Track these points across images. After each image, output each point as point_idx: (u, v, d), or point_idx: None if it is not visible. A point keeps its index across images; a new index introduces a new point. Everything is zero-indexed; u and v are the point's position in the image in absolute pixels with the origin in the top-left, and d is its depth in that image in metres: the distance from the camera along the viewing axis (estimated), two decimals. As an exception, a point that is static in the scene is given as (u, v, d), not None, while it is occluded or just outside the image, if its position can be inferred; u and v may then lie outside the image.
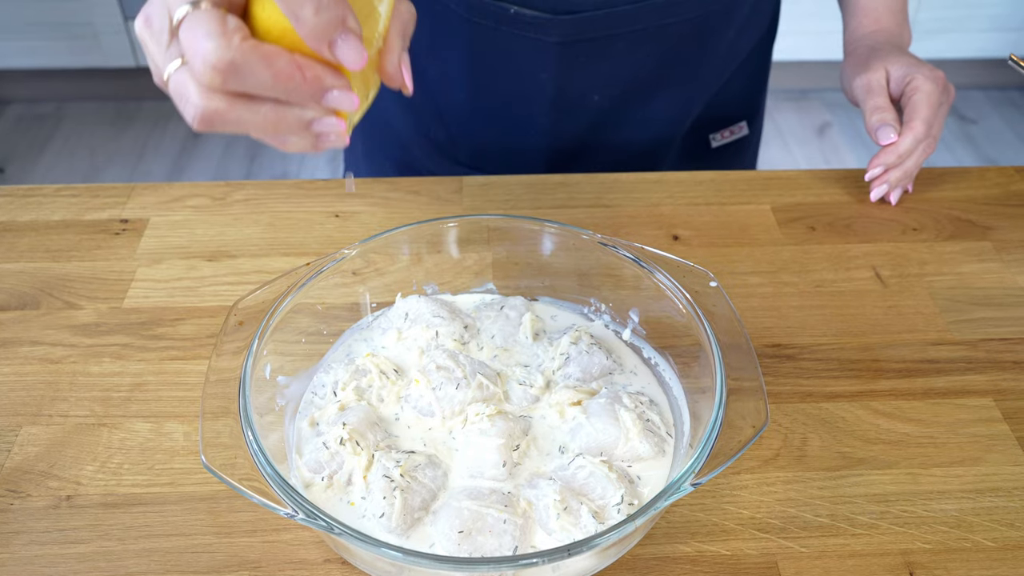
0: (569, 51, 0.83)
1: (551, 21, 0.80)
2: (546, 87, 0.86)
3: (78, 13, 2.40)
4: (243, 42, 0.42)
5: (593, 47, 0.83)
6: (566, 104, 0.87)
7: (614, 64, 0.85)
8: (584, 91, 0.87)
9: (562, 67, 0.84)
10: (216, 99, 0.43)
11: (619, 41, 0.83)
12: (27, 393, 0.66)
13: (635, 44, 0.84)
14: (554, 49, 0.82)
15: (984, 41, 2.57)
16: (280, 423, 0.59)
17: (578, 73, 0.85)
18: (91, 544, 0.57)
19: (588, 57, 0.84)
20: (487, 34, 0.82)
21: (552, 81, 0.85)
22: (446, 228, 0.67)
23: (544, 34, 0.81)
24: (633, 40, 0.83)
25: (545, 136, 0.90)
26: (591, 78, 0.86)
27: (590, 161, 0.92)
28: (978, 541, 0.57)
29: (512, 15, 0.80)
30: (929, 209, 0.85)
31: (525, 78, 0.85)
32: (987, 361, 0.70)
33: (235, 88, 0.43)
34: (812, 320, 0.73)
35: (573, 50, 0.83)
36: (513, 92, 0.88)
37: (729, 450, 0.52)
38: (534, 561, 0.47)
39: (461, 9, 0.81)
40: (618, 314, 0.68)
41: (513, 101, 0.88)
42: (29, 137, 2.53)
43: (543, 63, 0.84)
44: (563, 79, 0.85)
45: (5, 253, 0.79)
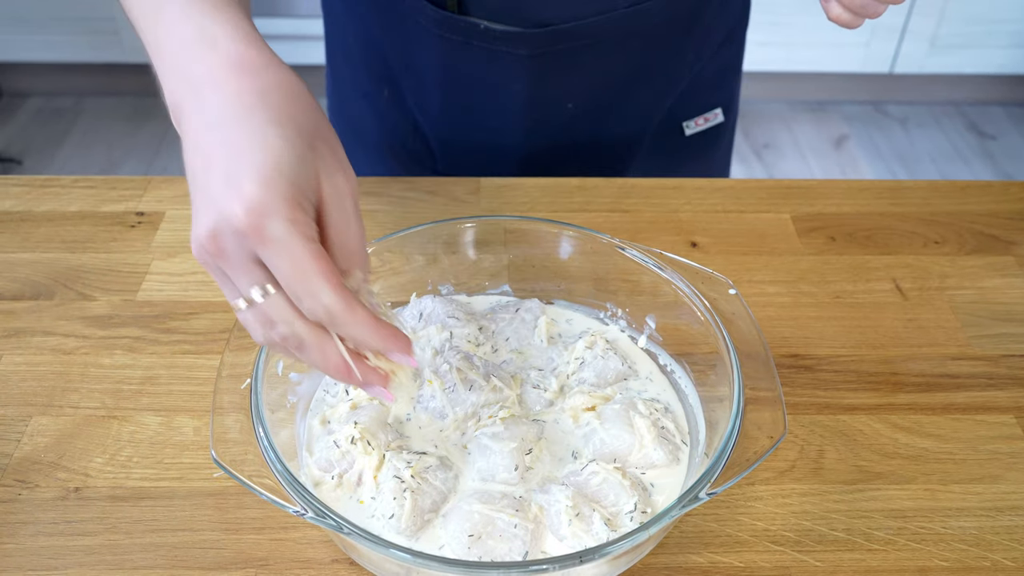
0: (540, 63, 0.83)
1: (521, 35, 0.80)
2: (519, 98, 0.86)
3: (99, 8, 2.41)
4: (356, 309, 0.44)
5: (564, 58, 0.83)
6: (540, 113, 0.88)
7: (586, 72, 0.85)
8: (557, 99, 0.87)
9: (534, 78, 0.84)
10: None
11: (589, 51, 0.83)
12: (38, 383, 0.66)
13: (605, 52, 0.84)
14: (525, 62, 0.82)
15: (1004, 57, 2.55)
16: (291, 420, 0.59)
17: (550, 83, 0.85)
18: (98, 537, 0.56)
19: (560, 67, 0.84)
20: (459, 49, 0.83)
21: (525, 92, 0.85)
22: (463, 228, 0.67)
23: (515, 47, 0.81)
24: (603, 49, 0.84)
25: (520, 143, 0.91)
26: (563, 87, 0.86)
27: (564, 163, 0.92)
28: (997, 560, 0.56)
29: (482, 30, 0.80)
30: (952, 222, 0.84)
31: (498, 90, 0.86)
32: (1008, 377, 0.68)
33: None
34: (831, 331, 0.72)
35: (544, 62, 0.83)
36: (487, 104, 0.88)
37: (745, 460, 0.51)
38: (545, 567, 0.46)
39: (432, 25, 0.81)
40: (634, 319, 0.67)
41: (487, 112, 0.89)
42: (48, 130, 2.54)
43: (515, 75, 0.84)
44: (536, 90, 0.85)
45: (21, 243, 0.79)
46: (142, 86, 2.64)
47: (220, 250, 0.43)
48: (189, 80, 0.47)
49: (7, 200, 0.83)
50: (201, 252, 0.44)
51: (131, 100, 2.65)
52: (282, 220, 0.42)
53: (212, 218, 0.43)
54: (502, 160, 0.92)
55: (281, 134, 0.44)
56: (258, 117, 0.44)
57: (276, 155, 0.43)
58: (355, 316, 0.44)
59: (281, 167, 0.43)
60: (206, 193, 0.43)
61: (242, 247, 0.43)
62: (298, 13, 2.35)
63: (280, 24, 2.35)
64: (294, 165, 0.43)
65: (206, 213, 0.43)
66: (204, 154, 0.44)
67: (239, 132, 0.44)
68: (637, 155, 0.95)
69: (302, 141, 0.44)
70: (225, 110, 0.45)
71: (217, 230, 0.43)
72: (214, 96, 0.45)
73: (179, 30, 0.48)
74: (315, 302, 0.43)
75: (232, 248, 0.43)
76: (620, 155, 0.95)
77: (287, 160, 0.43)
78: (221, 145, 0.44)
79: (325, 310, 0.43)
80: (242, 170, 0.42)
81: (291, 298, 0.44)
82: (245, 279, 0.44)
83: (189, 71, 0.47)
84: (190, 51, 0.47)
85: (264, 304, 0.44)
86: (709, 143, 0.99)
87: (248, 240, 0.42)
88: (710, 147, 1.00)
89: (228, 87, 0.45)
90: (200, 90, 0.46)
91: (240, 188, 0.42)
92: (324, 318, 0.44)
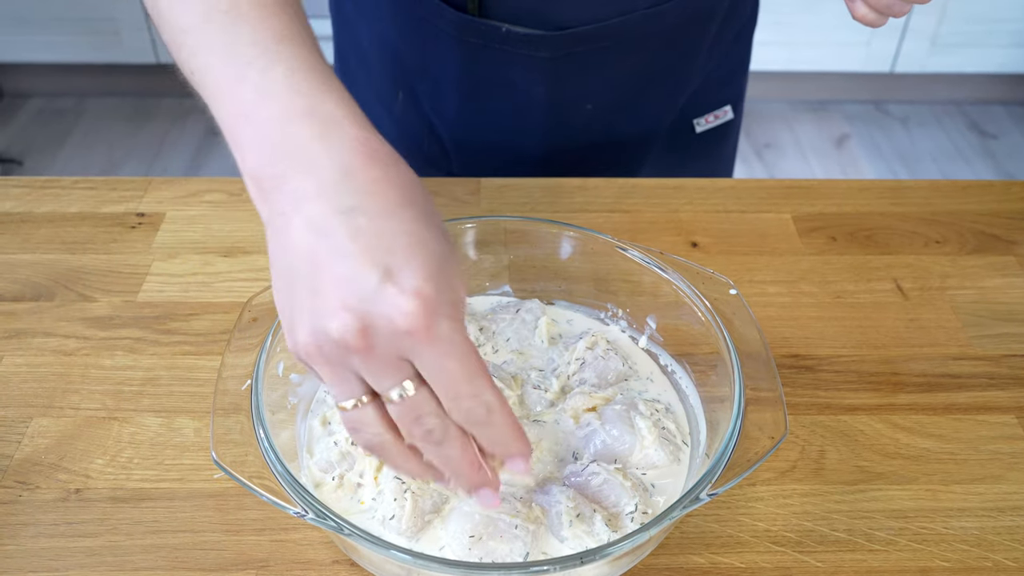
0: (561, 66, 0.83)
1: (542, 38, 0.80)
2: (539, 100, 0.86)
3: (100, 9, 2.42)
4: (508, 410, 0.43)
5: (584, 60, 0.83)
6: (559, 115, 0.88)
7: (605, 74, 0.86)
8: (576, 101, 0.87)
9: (554, 81, 0.84)
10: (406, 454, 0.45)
11: (609, 52, 0.83)
12: (39, 385, 0.66)
13: (624, 53, 0.84)
14: (546, 64, 0.82)
15: (1005, 56, 2.55)
16: (292, 421, 0.59)
17: (570, 85, 0.85)
18: (99, 538, 0.56)
19: (579, 69, 0.84)
20: (478, 52, 0.83)
21: (545, 94, 0.85)
22: (463, 229, 0.67)
23: (535, 51, 0.81)
24: (622, 50, 0.84)
25: (537, 145, 0.91)
26: (583, 89, 0.86)
27: (580, 164, 0.92)
28: (999, 560, 0.56)
29: (503, 33, 0.80)
30: (953, 222, 0.83)
31: (518, 93, 0.86)
32: (1010, 377, 0.68)
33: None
34: (832, 331, 0.72)
35: (565, 64, 0.83)
36: (505, 106, 0.88)
37: (746, 461, 0.51)
38: (545, 568, 0.46)
39: (451, 28, 0.81)
40: (635, 320, 0.67)
41: (505, 114, 0.89)
42: (48, 131, 2.54)
43: (535, 78, 0.84)
44: (555, 92, 0.85)
45: (21, 244, 0.79)
46: (143, 87, 2.64)
47: (368, 346, 0.40)
48: (296, 158, 0.42)
49: (7, 201, 0.83)
50: (331, 348, 0.41)
51: (132, 101, 2.66)
52: (450, 319, 0.40)
53: (366, 312, 0.39)
54: (519, 162, 0.92)
55: (431, 232, 0.42)
56: (408, 212, 0.41)
57: (437, 253, 0.41)
58: (507, 417, 0.43)
59: (442, 266, 0.41)
60: (349, 284, 0.40)
61: (396, 346, 0.40)
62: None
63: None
64: (449, 265, 0.42)
65: (354, 305, 0.40)
66: (337, 242, 0.40)
67: (389, 225, 0.41)
68: (650, 153, 0.96)
69: (446, 239, 0.43)
70: (364, 199, 0.41)
71: (372, 325, 0.40)
72: (347, 182, 0.41)
73: (280, 97, 0.44)
74: (477, 401, 0.42)
75: (383, 345, 0.40)
76: (634, 154, 0.95)
77: (444, 259, 0.41)
78: (366, 235, 0.40)
79: (486, 407, 0.42)
80: (404, 265, 0.40)
81: (446, 397, 0.42)
82: (387, 378, 0.42)
83: (297, 148, 0.43)
84: (299, 125, 0.43)
85: (410, 401, 0.42)
86: (719, 140, 0.99)
87: (410, 339, 0.40)
88: (720, 144, 1.00)
89: (364, 175, 0.42)
90: (316, 171, 0.42)
91: (406, 283, 0.39)
92: (481, 417, 0.43)
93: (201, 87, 0.47)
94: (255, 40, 0.45)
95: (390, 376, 0.41)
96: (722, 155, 1.02)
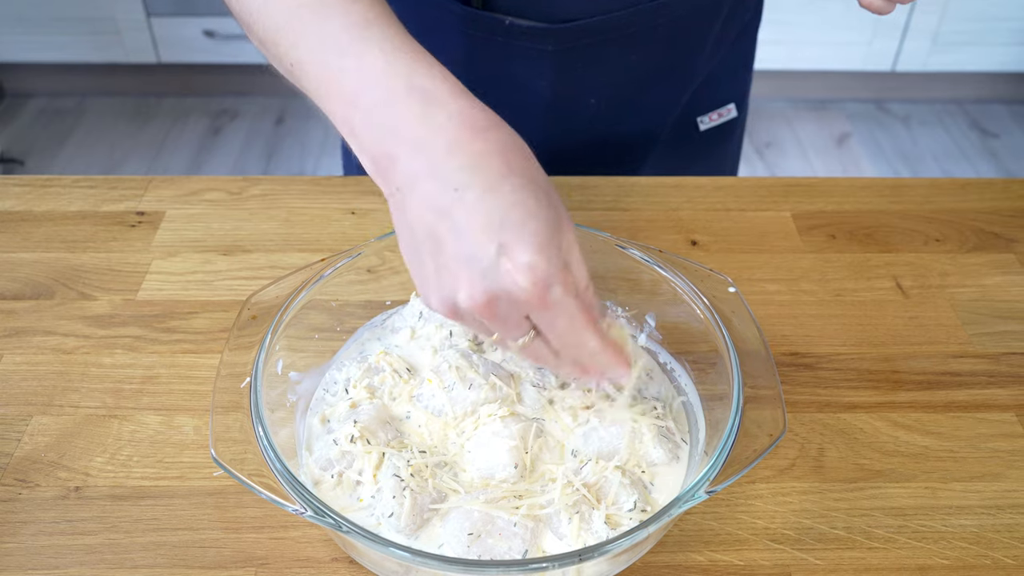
0: (565, 58, 0.83)
1: (547, 31, 0.80)
2: (543, 94, 0.86)
3: (101, 8, 2.42)
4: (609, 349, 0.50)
5: (589, 53, 0.83)
6: (563, 109, 0.88)
7: (609, 68, 0.85)
8: (580, 95, 0.87)
9: (558, 74, 0.84)
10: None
11: (614, 46, 0.83)
12: (39, 383, 0.66)
13: (629, 47, 0.84)
14: (550, 57, 0.82)
15: (1006, 54, 2.55)
16: (291, 419, 0.59)
17: (574, 79, 0.85)
18: (98, 536, 0.56)
19: (584, 63, 0.84)
20: (482, 45, 0.82)
21: (549, 88, 0.85)
22: (462, 227, 0.67)
23: (540, 43, 0.81)
24: (627, 44, 0.84)
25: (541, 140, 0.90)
26: (587, 82, 0.86)
27: (583, 160, 0.92)
28: (998, 558, 0.56)
29: (507, 26, 0.80)
30: (952, 220, 0.83)
31: (521, 86, 0.86)
32: (1009, 375, 0.68)
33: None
34: (831, 329, 0.72)
35: (569, 57, 0.83)
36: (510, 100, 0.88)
37: (745, 458, 0.51)
38: (544, 566, 0.46)
39: (456, 21, 0.81)
40: (634, 318, 0.67)
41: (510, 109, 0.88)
42: (50, 131, 2.55)
43: (539, 71, 0.84)
44: (560, 86, 0.85)
45: (21, 243, 0.79)
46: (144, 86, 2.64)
47: (494, 313, 0.46)
48: (403, 137, 0.46)
49: (7, 200, 0.83)
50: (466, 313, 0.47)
51: (133, 100, 2.66)
52: (559, 285, 0.45)
53: (489, 285, 0.45)
54: None
55: (536, 198, 0.45)
56: (511, 182, 0.45)
57: (542, 223, 0.45)
58: (607, 354, 0.50)
59: (549, 234, 0.45)
60: (471, 260, 0.44)
61: (519, 310, 0.46)
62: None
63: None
64: (555, 229, 0.45)
65: (478, 279, 0.45)
66: (455, 219, 0.45)
67: (497, 199, 0.44)
68: (653, 151, 0.95)
69: (549, 205, 0.46)
70: (470, 175, 0.45)
71: (495, 297, 0.45)
72: (450, 159, 0.45)
73: (380, 79, 0.47)
74: (583, 349, 0.49)
75: (507, 311, 0.46)
76: (637, 151, 0.95)
77: (550, 226, 0.45)
78: (478, 211, 0.44)
79: (590, 353, 0.49)
80: (516, 239, 0.44)
81: (557, 345, 0.49)
82: (514, 332, 0.48)
83: (403, 128, 0.46)
84: (401, 105, 0.47)
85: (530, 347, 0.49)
86: (722, 138, 0.99)
87: (528, 306, 0.45)
88: (723, 142, 1.00)
89: (467, 149, 0.45)
90: (424, 150, 0.46)
91: (520, 258, 0.44)
92: (585, 359, 0.50)
93: (302, 81, 0.51)
94: (345, 28, 0.49)
95: (513, 331, 0.48)
96: (726, 153, 1.02)
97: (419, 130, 0.46)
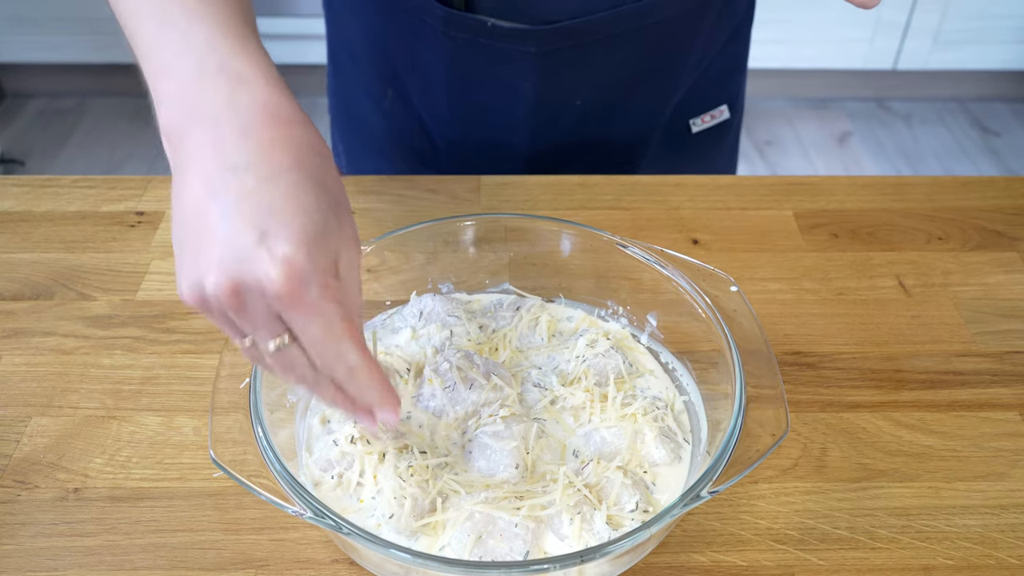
0: (549, 60, 0.82)
1: (529, 32, 0.80)
2: (527, 96, 0.86)
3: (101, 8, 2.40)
4: (373, 370, 0.47)
5: (572, 55, 0.83)
6: (548, 111, 0.87)
7: (594, 69, 0.85)
8: (565, 97, 0.87)
9: (542, 76, 0.84)
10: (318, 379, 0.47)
11: (598, 47, 0.83)
12: (38, 384, 0.66)
13: (614, 48, 0.84)
14: (533, 59, 0.82)
15: (1008, 53, 2.54)
16: (291, 420, 0.58)
17: (559, 81, 0.85)
18: (97, 537, 0.56)
19: (568, 65, 0.83)
20: (466, 47, 0.82)
21: (533, 90, 0.85)
22: (463, 226, 0.67)
23: (523, 45, 0.81)
24: (611, 45, 0.83)
25: (527, 142, 0.90)
26: (572, 84, 0.86)
27: (572, 162, 0.92)
28: (1002, 558, 0.56)
29: (489, 28, 0.80)
30: (955, 218, 0.83)
31: (506, 88, 0.85)
32: (1013, 374, 0.68)
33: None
34: (834, 328, 0.72)
35: (553, 59, 0.82)
36: (495, 102, 0.88)
37: (747, 458, 0.51)
38: (546, 567, 0.46)
39: (438, 23, 0.81)
40: (636, 317, 0.66)
41: (495, 111, 0.88)
42: (50, 131, 2.54)
43: (523, 73, 0.83)
44: (544, 87, 0.85)
45: (20, 243, 0.79)
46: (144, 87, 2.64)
47: (240, 305, 0.43)
48: (202, 113, 0.45)
49: (7, 200, 0.83)
50: (209, 300, 0.43)
51: (134, 101, 2.65)
52: (317, 287, 0.43)
53: (238, 272, 0.42)
54: (509, 159, 0.91)
55: (316, 199, 0.44)
56: (293, 176, 0.43)
57: (313, 220, 0.43)
58: (371, 375, 0.47)
59: (318, 233, 0.43)
60: (227, 243, 0.42)
61: (267, 306, 0.43)
62: (299, 12, 2.35)
63: (280, 24, 2.35)
64: (327, 232, 0.44)
65: (229, 264, 0.42)
66: (223, 199, 0.42)
67: (273, 188, 0.43)
68: (645, 154, 0.95)
69: (331, 208, 0.44)
70: (256, 160, 0.43)
71: (243, 286, 0.42)
72: (240, 141, 0.44)
73: (196, 54, 0.46)
74: (340, 362, 0.45)
75: (254, 305, 0.43)
76: (628, 154, 0.94)
77: (322, 226, 0.43)
78: (250, 197, 0.42)
79: (348, 369, 0.46)
80: (280, 230, 0.42)
81: (312, 355, 0.45)
82: (262, 333, 0.45)
83: (204, 104, 0.45)
84: (208, 82, 0.45)
85: (282, 354, 0.45)
86: (716, 140, 0.99)
87: (279, 302, 0.42)
88: (717, 145, 1.00)
89: (259, 135, 0.44)
90: (218, 127, 0.44)
91: (278, 249, 0.41)
92: (342, 375, 0.46)
93: (135, 50, 0.50)
94: (180, 3, 0.47)
95: (264, 331, 0.44)
96: (720, 156, 1.01)
97: (219, 109, 0.44)
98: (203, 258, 0.43)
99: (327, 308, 0.43)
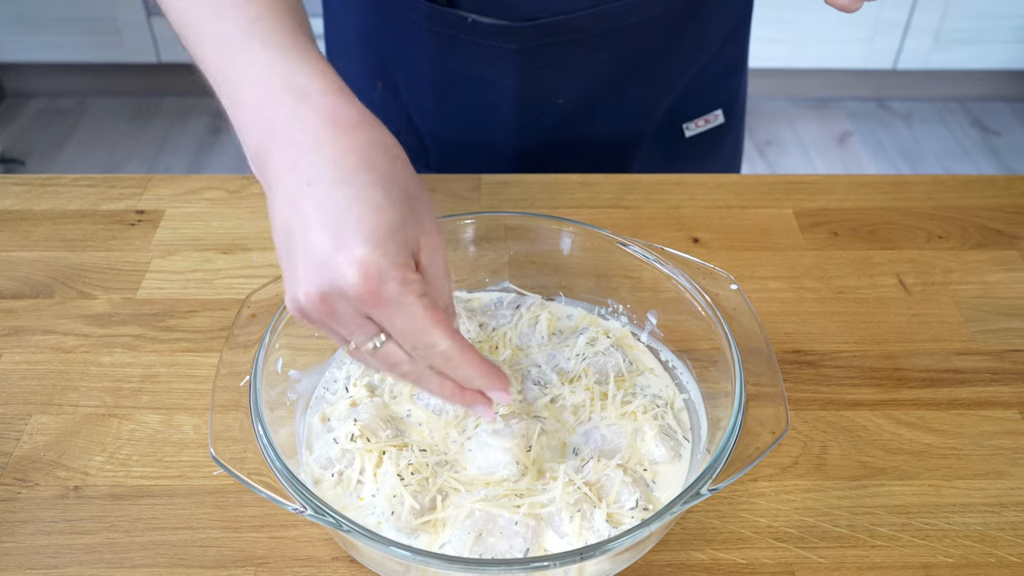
0: (530, 57, 0.82)
1: (509, 29, 0.80)
2: (510, 93, 0.85)
3: (101, 8, 2.42)
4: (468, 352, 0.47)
5: (554, 52, 0.83)
6: (531, 108, 0.87)
7: (577, 68, 0.85)
8: (548, 95, 0.87)
9: (524, 73, 0.84)
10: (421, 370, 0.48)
11: (579, 45, 0.83)
12: (38, 382, 0.66)
13: (596, 47, 0.83)
14: (515, 56, 0.82)
15: (1008, 52, 2.54)
16: (291, 418, 0.58)
17: (540, 78, 0.85)
18: (98, 535, 0.56)
19: (549, 62, 0.83)
20: (449, 43, 0.82)
21: (515, 87, 0.85)
22: (462, 225, 0.67)
23: (504, 42, 0.81)
24: (593, 44, 0.83)
25: (512, 140, 0.90)
26: (554, 82, 0.86)
27: (560, 159, 0.91)
28: (1002, 556, 0.56)
29: (470, 23, 0.80)
30: (955, 217, 0.83)
31: (488, 85, 0.85)
32: (1013, 372, 0.68)
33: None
34: (834, 327, 0.72)
35: (534, 56, 0.82)
36: (478, 98, 0.88)
37: (747, 456, 0.51)
38: (545, 564, 0.46)
39: (421, 19, 0.81)
40: (636, 316, 0.66)
41: (478, 108, 0.88)
42: (50, 131, 2.55)
43: (505, 70, 0.83)
44: (526, 84, 0.85)
45: (21, 241, 0.79)
46: (144, 86, 2.64)
47: (332, 311, 0.45)
48: (277, 134, 0.46)
49: (7, 199, 0.83)
50: (308, 312, 0.45)
51: (134, 100, 2.65)
52: (395, 283, 0.43)
53: (322, 281, 0.43)
54: (495, 157, 0.91)
55: (386, 196, 0.44)
56: (362, 177, 0.44)
57: (385, 218, 0.44)
58: (467, 359, 0.47)
59: (391, 230, 0.44)
60: (311, 254, 0.43)
61: (355, 308, 0.44)
62: (300, 12, 2.35)
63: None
64: (401, 227, 0.44)
65: (313, 275, 0.44)
66: (304, 213, 0.44)
67: (344, 193, 0.44)
68: (636, 156, 0.94)
69: (404, 202, 0.45)
70: (326, 170, 0.44)
71: (328, 293, 0.44)
72: (311, 154, 0.45)
73: (261, 77, 0.47)
74: (432, 351, 0.46)
75: (343, 309, 0.44)
76: (617, 155, 0.94)
77: (395, 222, 0.44)
78: (325, 205, 0.43)
79: (442, 356, 0.47)
80: (352, 233, 0.43)
81: (407, 348, 0.46)
82: (359, 334, 0.46)
83: (277, 125, 0.46)
84: (277, 103, 0.47)
85: (381, 351, 0.47)
86: (711, 145, 0.98)
87: (363, 303, 0.44)
88: (712, 149, 0.99)
89: (327, 145, 0.45)
90: (293, 146, 0.45)
91: (352, 252, 0.43)
92: (440, 363, 0.47)
93: (208, 79, 0.52)
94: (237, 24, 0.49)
95: (359, 332, 0.46)
96: (717, 161, 1.00)
97: (290, 127, 0.46)
98: (296, 273, 0.45)
99: (408, 301, 0.44)
